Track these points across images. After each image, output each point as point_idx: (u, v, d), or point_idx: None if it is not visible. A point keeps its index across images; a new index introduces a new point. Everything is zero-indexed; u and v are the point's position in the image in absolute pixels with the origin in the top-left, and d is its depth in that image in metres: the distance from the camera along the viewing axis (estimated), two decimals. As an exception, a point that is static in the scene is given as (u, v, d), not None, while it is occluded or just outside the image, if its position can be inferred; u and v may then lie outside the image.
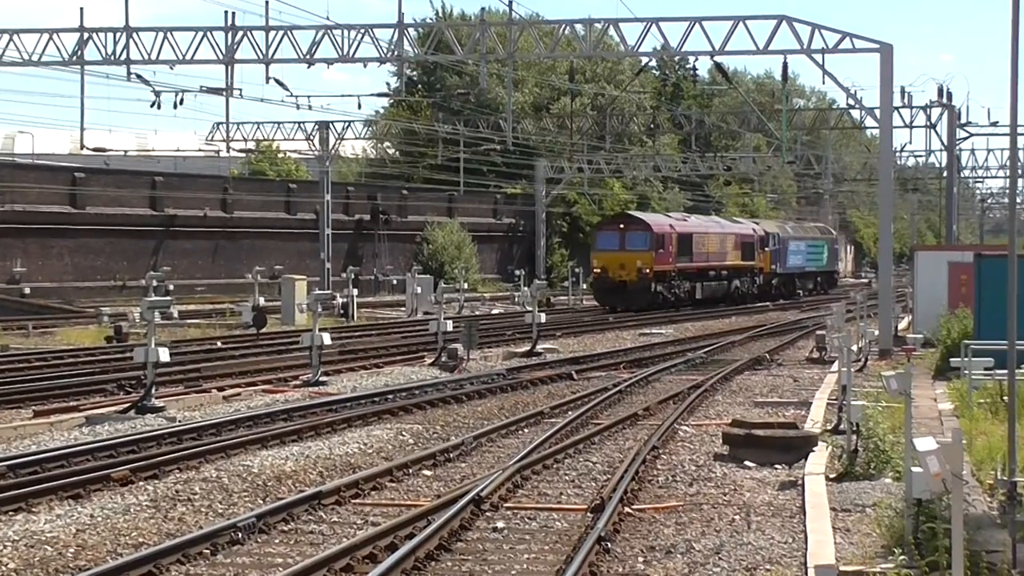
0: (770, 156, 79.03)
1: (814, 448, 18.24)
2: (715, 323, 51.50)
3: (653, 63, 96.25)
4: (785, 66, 40.42)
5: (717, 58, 40.42)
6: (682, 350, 37.32)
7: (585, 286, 65.68)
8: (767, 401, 25.91)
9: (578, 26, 40.89)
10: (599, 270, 56.79)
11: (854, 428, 16.83)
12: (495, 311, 57.06)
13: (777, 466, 17.97)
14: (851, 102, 44.25)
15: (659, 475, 17.53)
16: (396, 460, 18.18)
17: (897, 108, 53.49)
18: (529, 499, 15.93)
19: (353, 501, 15.68)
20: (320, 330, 28.79)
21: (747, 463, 18.18)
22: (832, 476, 16.47)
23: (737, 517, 14.82)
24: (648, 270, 55.76)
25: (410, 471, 17.60)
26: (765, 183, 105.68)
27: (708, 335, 43.96)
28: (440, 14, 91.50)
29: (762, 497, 15.95)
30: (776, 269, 71.05)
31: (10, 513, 14.66)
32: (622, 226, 57.73)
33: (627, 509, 15.06)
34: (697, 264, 60.52)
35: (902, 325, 42.07)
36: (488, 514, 14.83)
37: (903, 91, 60.45)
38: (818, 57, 37.30)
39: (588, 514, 14.72)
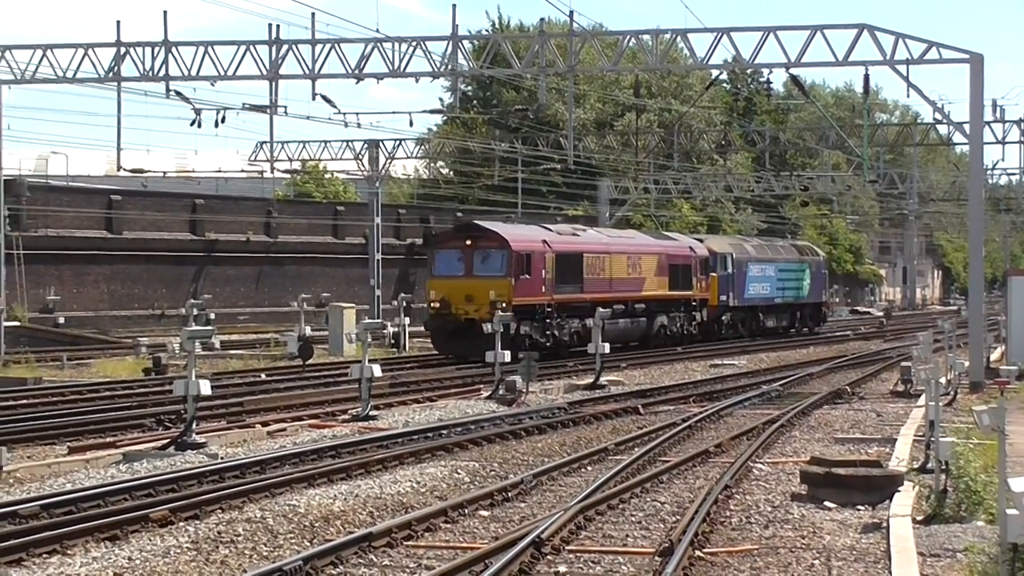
0: (850, 175, 78.74)
1: (899, 488, 18.10)
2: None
3: (724, 76, 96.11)
4: (866, 78, 40.16)
5: (793, 70, 40.32)
6: (755, 382, 37.16)
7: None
8: (848, 437, 25.74)
9: (644, 37, 40.93)
10: (437, 303, 42.84)
11: (943, 467, 16.69)
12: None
13: (859, 507, 17.84)
14: (938, 116, 44.18)
15: (732, 516, 17.45)
16: (451, 500, 18.20)
17: (988, 122, 53.06)
18: (593, 541, 15.90)
19: (405, 543, 15.70)
20: (370, 361, 28.83)
21: (827, 504, 18.07)
22: (919, 518, 16.34)
23: (816, 562, 14.73)
24: (504, 304, 40.78)
25: (466, 511, 17.61)
26: (845, 204, 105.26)
27: (785, 366, 43.80)
28: (496, 25, 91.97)
29: (843, 540, 15.84)
30: (728, 301, 57.86)
31: (44, 556, 14.80)
32: (468, 242, 43.53)
33: (698, 553, 14.99)
34: (592, 295, 46.08)
35: (994, 356, 41.71)
36: (549, 558, 14.82)
37: (995, 104, 59.89)
38: (902, 68, 37.14)
39: (656, 558, 14.67)
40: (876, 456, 21.63)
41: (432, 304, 43.20)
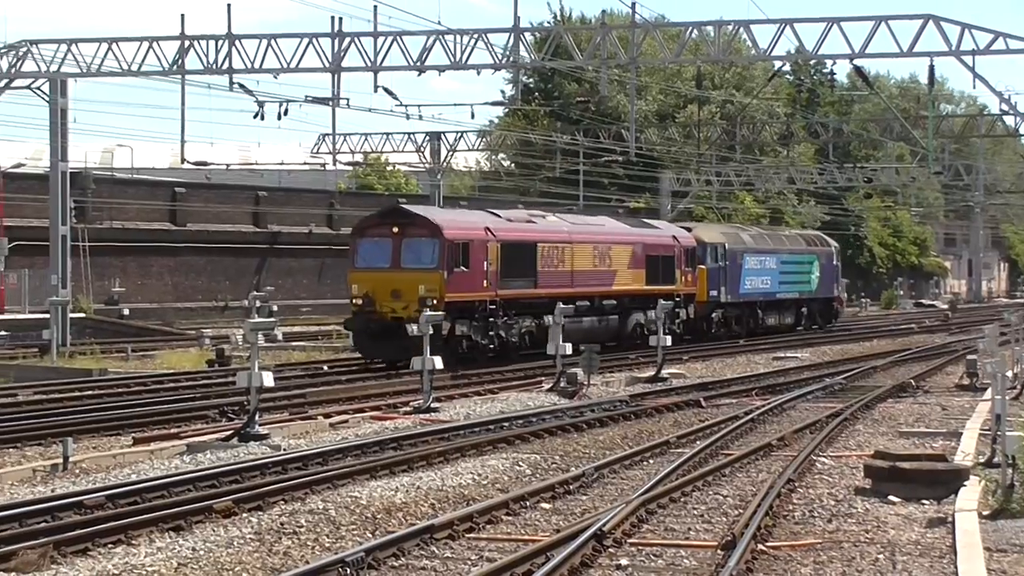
0: (915, 166, 78.07)
1: (965, 482, 17.94)
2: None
3: (787, 67, 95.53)
4: (931, 69, 39.89)
5: (857, 61, 40.08)
6: (819, 375, 36.96)
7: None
8: (913, 431, 25.54)
9: (707, 28, 40.79)
10: (359, 300, 37.33)
11: (1010, 461, 16.52)
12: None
13: (924, 501, 17.70)
14: (1004, 107, 43.66)
15: (795, 510, 17.36)
16: (512, 492, 18.20)
17: (1055, 113, 52.47)
18: (655, 534, 15.86)
19: (467, 535, 15.72)
20: (432, 353, 28.92)
21: (891, 498, 17.94)
22: (986, 513, 16.19)
23: (881, 556, 14.63)
24: (435, 300, 36.23)
25: (527, 503, 17.60)
26: (909, 195, 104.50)
27: (848, 359, 43.56)
28: (558, 17, 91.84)
29: (908, 535, 15.72)
30: (719, 296, 52.01)
31: (109, 546, 14.92)
32: (395, 229, 37.73)
33: (761, 546, 14.92)
34: (548, 289, 40.71)
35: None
36: (611, 550, 14.79)
37: (1062, 95, 59.32)
38: (968, 59, 36.82)
39: (719, 551, 14.62)
40: (941, 450, 21.44)
41: (354, 300, 37.56)
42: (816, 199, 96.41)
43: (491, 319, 38.57)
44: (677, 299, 47.55)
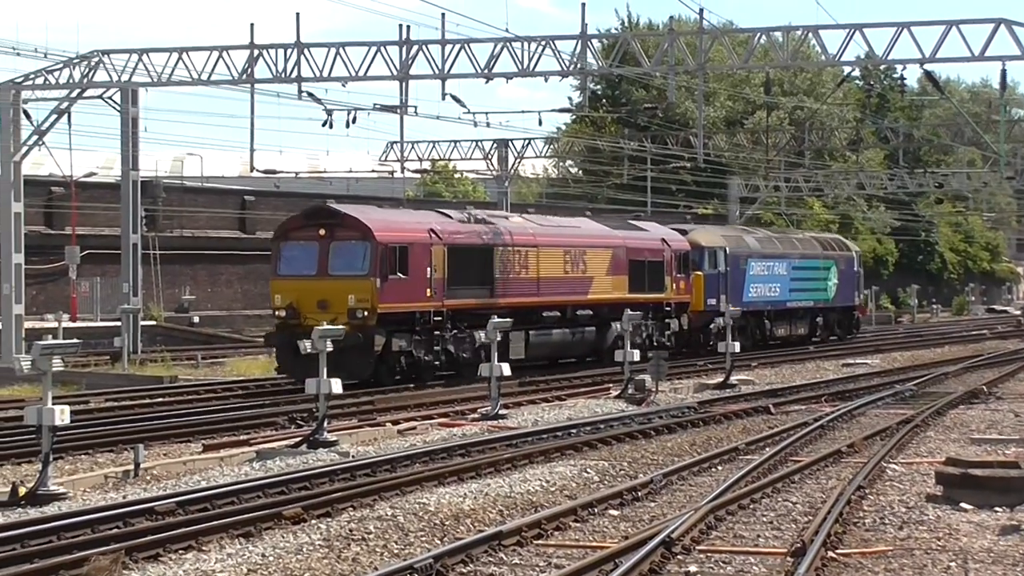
0: (986, 171, 77.29)
1: (1038, 490, 17.75)
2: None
3: (856, 72, 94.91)
4: (1003, 73, 39.54)
5: (927, 66, 39.72)
6: (889, 381, 36.69)
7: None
8: (985, 438, 25.29)
9: (775, 34, 40.57)
10: (283, 312, 33.59)
11: (1083, 468, 16.32)
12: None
13: (997, 509, 17.52)
14: (1077, 111, 43.09)
15: (865, 517, 17.23)
16: (580, 499, 18.18)
17: None
18: (723, 541, 15.80)
19: (535, 542, 15.71)
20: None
21: (963, 505, 17.77)
22: (1059, 521, 16.01)
23: (953, 564, 14.49)
24: (366, 312, 33.00)
25: (595, 510, 17.58)
26: (980, 201, 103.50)
27: (919, 365, 43.23)
28: (626, 24, 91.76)
29: (981, 543, 15.57)
30: (719, 305, 46.66)
31: (180, 552, 15.03)
32: (322, 231, 34.18)
33: (831, 553, 14.82)
34: (509, 299, 37.24)
35: None
36: (680, 557, 14.74)
37: None
38: (1040, 62, 36.39)
39: (788, 558, 14.53)
40: (1014, 457, 21.21)
41: (276, 312, 33.84)
42: (886, 205, 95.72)
43: (437, 332, 34.61)
44: (667, 308, 44.40)
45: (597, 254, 41.48)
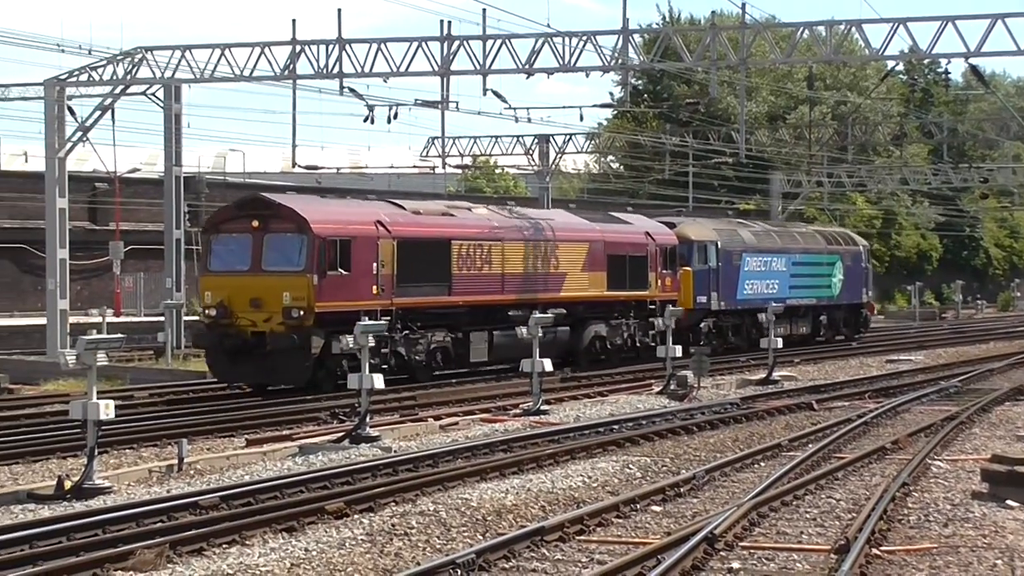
0: (1031, 166, 76.78)
1: (1085, 487, 17.63)
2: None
3: (900, 67, 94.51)
4: (1049, 67, 39.25)
5: (972, 60, 39.54)
6: (933, 378, 36.51)
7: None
8: (1031, 435, 25.15)
9: (818, 28, 40.44)
10: (213, 310, 31.35)
11: None
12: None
13: (1043, 506, 17.43)
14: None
15: (910, 514, 17.15)
16: (623, 495, 18.18)
17: None
18: (767, 538, 15.76)
19: (577, 538, 15.72)
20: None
21: (1009, 502, 17.66)
22: (1106, 518, 15.90)
23: (999, 562, 14.41)
24: (302, 311, 30.64)
25: (638, 506, 17.57)
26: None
27: (964, 362, 43.00)
28: (667, 19, 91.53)
29: (1026, 540, 15.49)
30: (710, 303, 44.95)
31: (224, 546, 15.11)
32: (256, 223, 31.60)
33: (875, 551, 14.77)
34: (468, 296, 35.02)
35: None
36: (722, 554, 14.72)
37: None
38: (1087, 56, 36.11)
39: (832, 555, 14.49)
40: (1060, 454, 21.10)
41: (206, 311, 31.61)
42: (930, 200, 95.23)
43: (385, 334, 30.81)
44: (652, 307, 41.43)
45: (571, 248, 38.76)
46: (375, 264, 32.07)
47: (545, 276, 37.57)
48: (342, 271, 31.26)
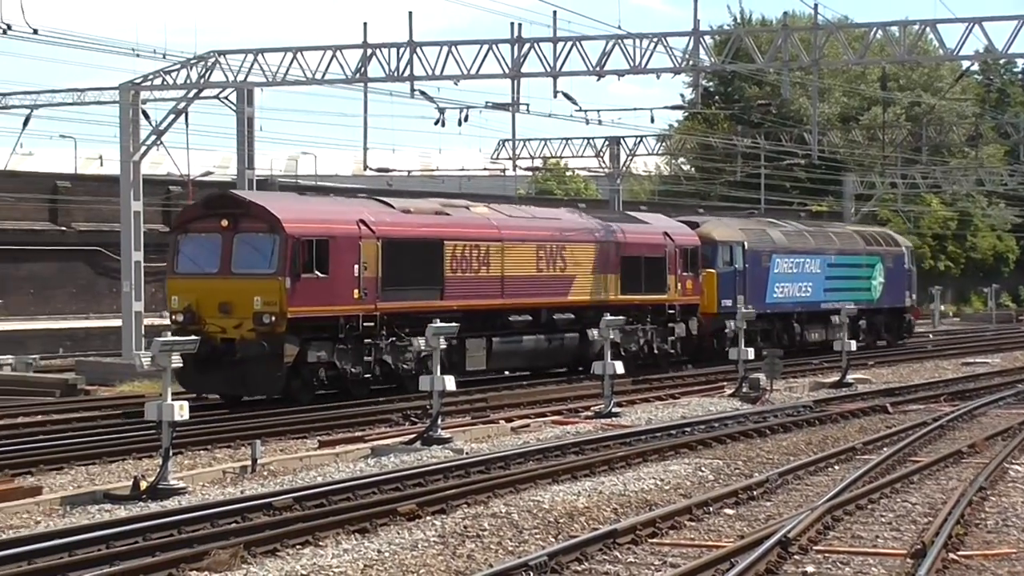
0: (1111, 166, 75.79)
1: None
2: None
3: (975, 67, 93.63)
4: None
5: (1048, 59, 39.03)
6: (1011, 381, 36.14)
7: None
8: (1110, 439, 24.82)
9: (892, 29, 40.11)
10: (180, 315, 29.17)
11: None
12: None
13: (1123, 511, 17.20)
14: None
15: (988, 519, 16.99)
16: (695, 497, 18.13)
17: None
18: (841, 542, 15.66)
19: (650, 540, 15.69)
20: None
21: (1088, 507, 17.46)
22: None
23: (1078, 567, 14.25)
24: (274, 316, 28.41)
25: (710, 509, 17.52)
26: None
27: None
28: (738, 20, 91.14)
29: (1106, 546, 15.29)
30: (735, 307, 40.63)
31: (298, 547, 15.19)
32: (225, 222, 29.54)
33: (952, 555, 14.64)
34: (463, 301, 32.61)
35: None
36: (796, 557, 14.64)
37: None
38: None
39: (908, 560, 14.38)
40: None
41: (173, 317, 29.45)
42: (1006, 201, 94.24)
43: (369, 340, 29.95)
44: (671, 311, 39.42)
45: (579, 250, 36.53)
46: (357, 266, 29.88)
47: (551, 279, 35.46)
48: (318, 273, 29.09)
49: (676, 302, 39.67)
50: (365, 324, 29.59)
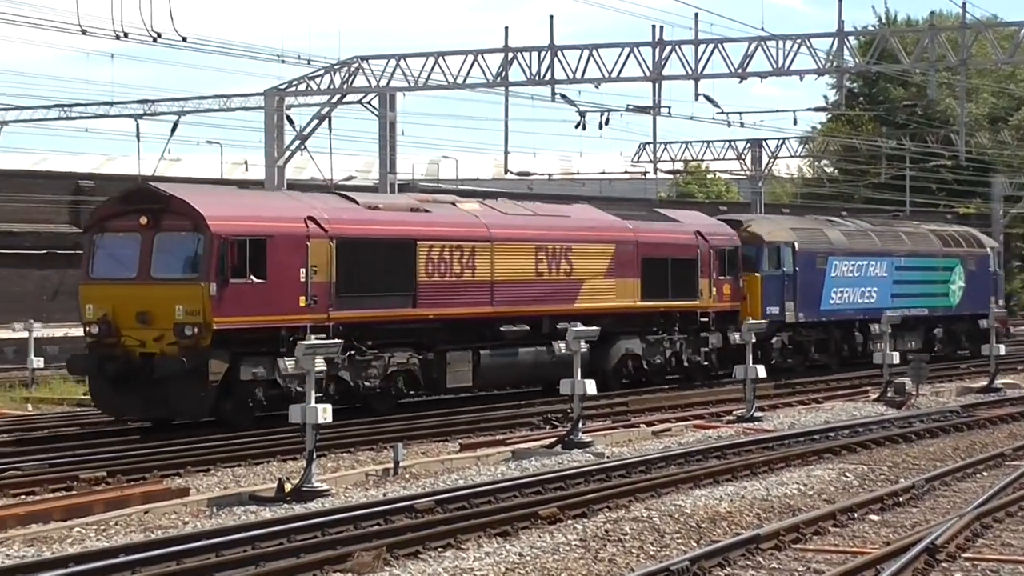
0: None
1: None
2: None
3: None
4: None
5: None
6: None
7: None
8: None
9: (1042, 26, 39.34)
10: (95, 327, 25.39)
11: None
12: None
13: None
14: None
15: None
16: (839, 503, 17.91)
17: None
18: (990, 549, 15.36)
19: (793, 546, 15.53)
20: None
21: None
22: None
23: None
24: (196, 328, 24.61)
25: (855, 515, 17.29)
26: None
27: None
28: (883, 20, 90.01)
29: None
30: (785, 315, 38.20)
31: (439, 550, 15.27)
32: (144, 219, 25.52)
33: (1106, 565, 14.30)
34: (440, 309, 28.79)
35: None
36: (944, 565, 14.40)
37: None
38: None
39: (1059, 569, 14.07)
40: None
41: (88, 328, 25.69)
42: None
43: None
44: (704, 319, 35.49)
45: (590, 250, 32.50)
46: (304, 269, 26.01)
47: (554, 284, 31.39)
48: (253, 278, 25.21)
49: (710, 309, 35.69)
50: (314, 335, 23.81)
